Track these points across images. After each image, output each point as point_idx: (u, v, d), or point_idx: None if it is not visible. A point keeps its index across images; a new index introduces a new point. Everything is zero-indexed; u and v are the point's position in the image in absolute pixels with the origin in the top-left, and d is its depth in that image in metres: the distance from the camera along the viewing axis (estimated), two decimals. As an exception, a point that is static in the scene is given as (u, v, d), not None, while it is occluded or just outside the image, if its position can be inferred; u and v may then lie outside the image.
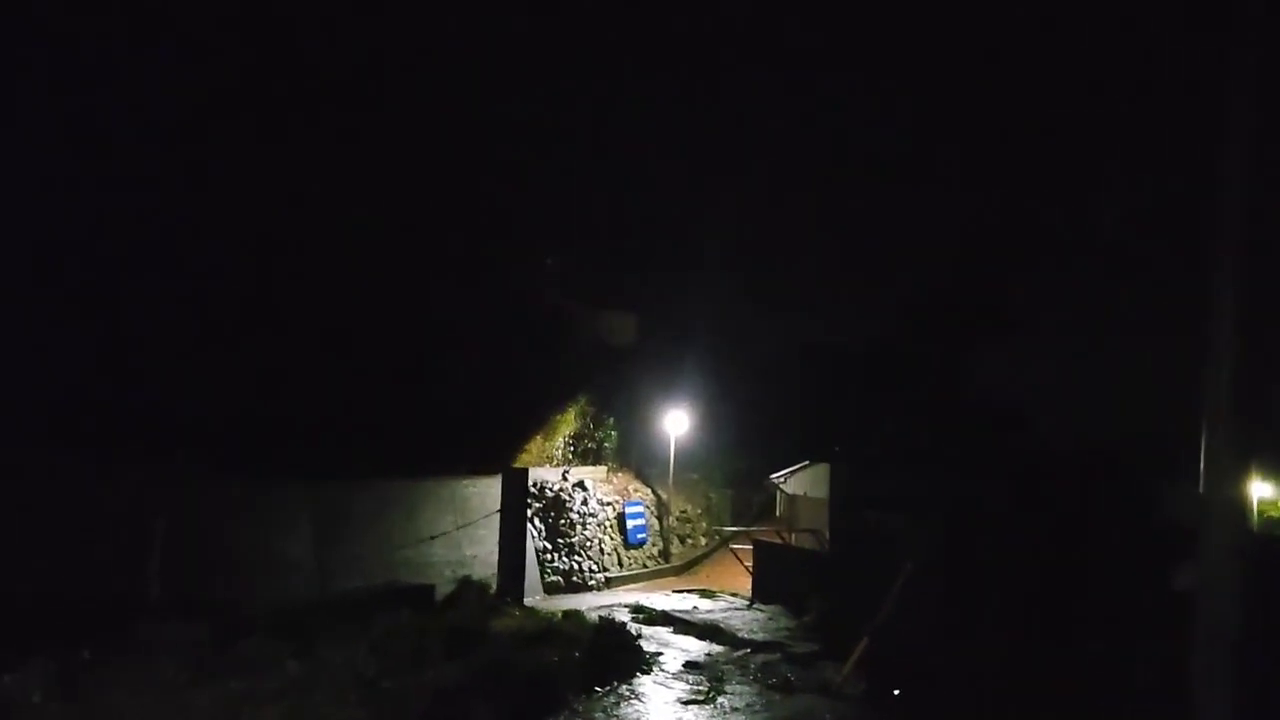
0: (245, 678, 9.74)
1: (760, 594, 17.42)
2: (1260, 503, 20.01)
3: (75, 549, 12.88)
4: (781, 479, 22.74)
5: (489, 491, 18.16)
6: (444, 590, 15.35)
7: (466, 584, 15.64)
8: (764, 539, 19.51)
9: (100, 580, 12.61)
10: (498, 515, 17.38)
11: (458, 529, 17.58)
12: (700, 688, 11.18)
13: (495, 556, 17.15)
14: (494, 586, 16.35)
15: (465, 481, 18.66)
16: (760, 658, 12.78)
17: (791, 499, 22.88)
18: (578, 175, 25.96)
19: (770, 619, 15.72)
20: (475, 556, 17.66)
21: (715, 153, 26.78)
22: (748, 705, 10.59)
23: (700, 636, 14.25)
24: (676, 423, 23.79)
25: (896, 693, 11.00)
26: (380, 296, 20.43)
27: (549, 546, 19.96)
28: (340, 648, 10.84)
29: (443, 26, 24.06)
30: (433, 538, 16.94)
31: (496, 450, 20.72)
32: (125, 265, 17.29)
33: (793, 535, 20.28)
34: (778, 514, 24.08)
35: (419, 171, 22.09)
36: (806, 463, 21.22)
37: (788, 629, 14.86)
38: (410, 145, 22.17)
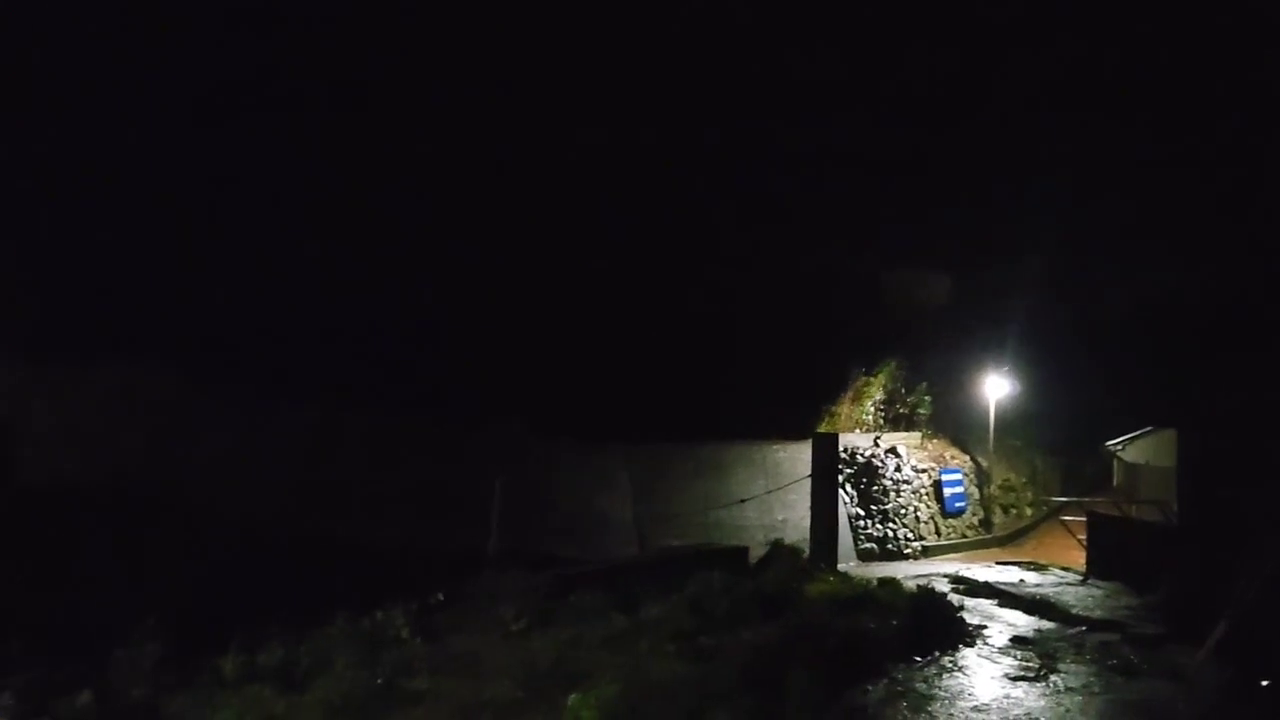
0: (575, 626, 10.39)
1: (1096, 569, 16.13)
2: None
3: (429, 505, 14.44)
4: (1119, 446, 20.92)
5: (799, 456, 18.14)
6: (756, 553, 15.51)
7: (779, 547, 15.71)
8: (1100, 510, 18.08)
9: (449, 533, 14.03)
10: (808, 480, 17.31)
11: (769, 493, 17.72)
12: (1030, 664, 10.48)
13: (807, 521, 17.11)
14: (806, 551, 16.32)
15: (775, 446, 18.77)
16: (1097, 637, 11.77)
17: (1131, 468, 21.00)
18: (881, 128, 24.96)
19: (1108, 596, 14.50)
20: (786, 520, 17.74)
21: (1036, 92, 24.66)
22: (1084, 686, 9.76)
23: (1028, 611, 13.37)
24: (996, 387, 22.56)
25: (1265, 684, 9.71)
26: (692, 264, 20.91)
27: (861, 513, 19.64)
28: (659, 603, 11.28)
29: None
30: (744, 500, 17.20)
31: (805, 415, 20.66)
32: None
33: (1133, 507, 18.61)
34: (1115, 484, 22.18)
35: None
36: (1149, 429, 19.33)
37: (1129, 608, 13.61)
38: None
